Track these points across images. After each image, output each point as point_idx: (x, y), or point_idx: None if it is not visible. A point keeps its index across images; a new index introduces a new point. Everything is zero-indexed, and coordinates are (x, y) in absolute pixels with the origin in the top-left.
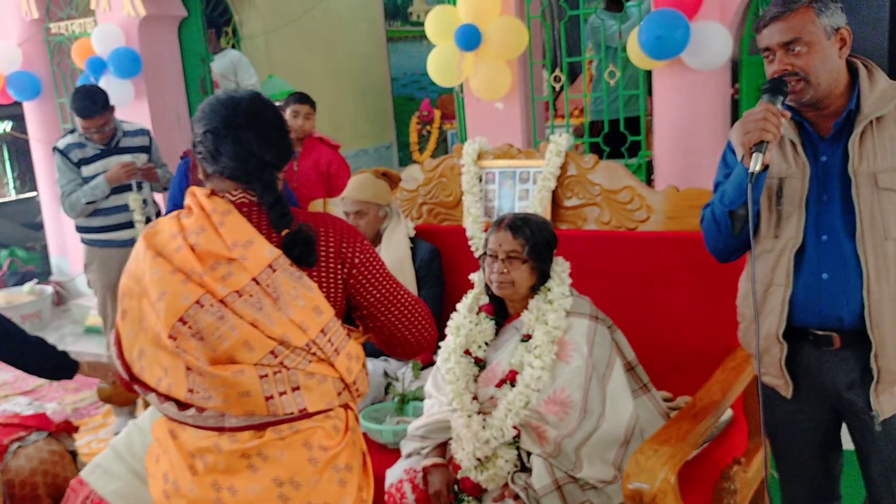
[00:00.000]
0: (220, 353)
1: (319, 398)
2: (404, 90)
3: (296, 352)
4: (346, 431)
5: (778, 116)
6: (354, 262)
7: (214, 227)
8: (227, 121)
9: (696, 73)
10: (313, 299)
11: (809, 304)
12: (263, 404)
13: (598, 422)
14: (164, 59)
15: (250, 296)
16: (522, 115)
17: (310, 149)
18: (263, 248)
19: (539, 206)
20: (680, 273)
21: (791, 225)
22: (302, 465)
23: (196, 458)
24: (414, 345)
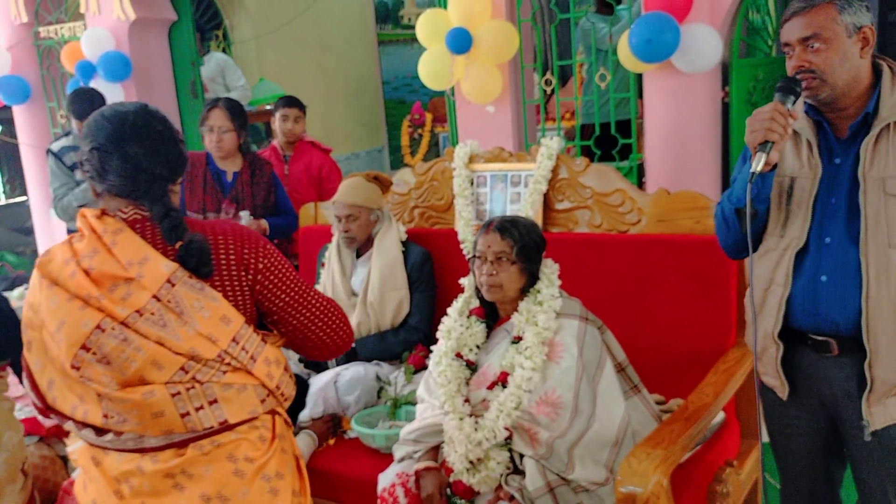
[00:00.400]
0: (129, 375)
1: (240, 408)
2: (395, 93)
3: (208, 364)
4: (274, 439)
5: (786, 117)
6: (258, 268)
7: (107, 248)
8: (113, 137)
9: (687, 77)
10: (219, 309)
11: (806, 306)
12: (180, 422)
13: (588, 422)
14: (154, 62)
15: (152, 314)
16: (514, 119)
17: (301, 152)
18: (159, 263)
19: (530, 210)
20: (671, 275)
21: (796, 225)
22: (228, 478)
23: (121, 483)
24: (330, 346)
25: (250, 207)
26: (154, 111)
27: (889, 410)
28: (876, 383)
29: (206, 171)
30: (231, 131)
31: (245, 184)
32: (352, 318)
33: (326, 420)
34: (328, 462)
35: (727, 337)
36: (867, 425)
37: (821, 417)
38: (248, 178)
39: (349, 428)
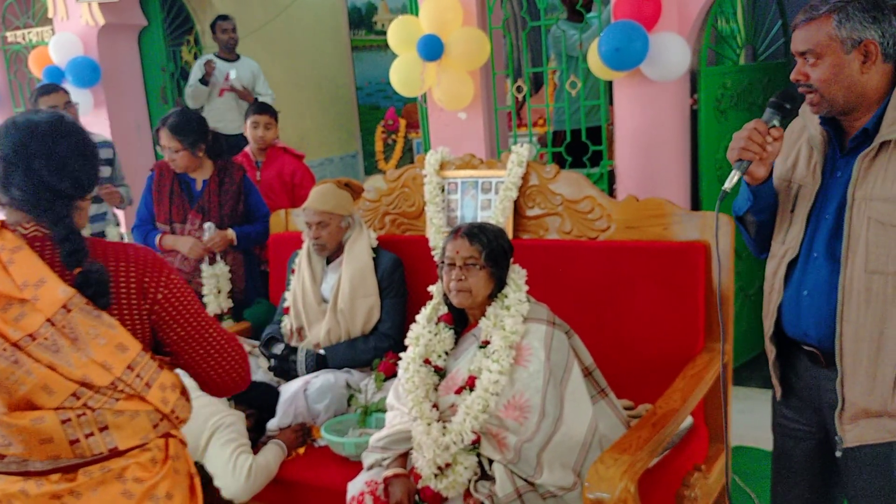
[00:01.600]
0: (17, 398)
1: (132, 435)
2: (369, 99)
3: (101, 391)
4: (167, 460)
5: (763, 135)
6: (157, 298)
7: (3, 266)
8: (19, 148)
9: (655, 84)
10: (116, 337)
11: (791, 317)
12: (68, 449)
13: (556, 425)
14: (124, 68)
15: (45, 339)
16: (486, 125)
17: (273, 158)
18: (56, 287)
19: (501, 216)
20: (640, 282)
21: (793, 234)
22: (115, 499)
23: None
24: (220, 385)
25: (217, 217)
26: (69, 123)
27: (861, 431)
28: (847, 403)
29: (175, 181)
30: (181, 150)
31: (213, 192)
32: (322, 325)
33: (296, 429)
34: (297, 471)
35: (695, 342)
36: (840, 441)
37: (814, 423)
38: (215, 186)
39: (319, 436)
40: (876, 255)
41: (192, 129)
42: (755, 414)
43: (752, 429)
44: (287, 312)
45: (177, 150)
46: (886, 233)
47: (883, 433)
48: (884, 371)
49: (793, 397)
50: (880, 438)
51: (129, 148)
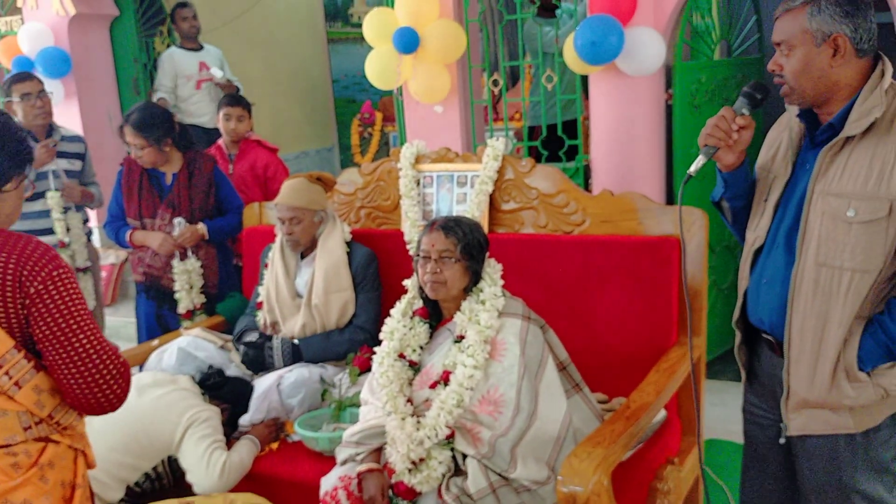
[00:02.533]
0: None
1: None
2: (345, 92)
3: None
4: (33, 467)
5: (730, 122)
6: (29, 292)
7: None
8: None
9: (631, 79)
10: None
11: (752, 304)
12: None
13: (530, 420)
14: (95, 58)
15: None
16: (462, 119)
17: (245, 151)
18: None
19: (476, 210)
20: (614, 276)
21: (763, 224)
22: None
23: None
24: (80, 400)
25: (187, 211)
26: None
27: (805, 421)
28: (791, 391)
29: (144, 176)
30: (146, 147)
31: (182, 186)
32: (297, 319)
33: (269, 424)
34: (271, 466)
35: (668, 336)
36: (784, 428)
37: (775, 410)
38: (185, 179)
39: (293, 431)
40: (826, 249)
41: (156, 124)
42: (728, 407)
43: (725, 422)
44: (260, 307)
45: (142, 147)
46: (837, 228)
47: (825, 426)
48: (823, 363)
49: (756, 383)
50: (823, 430)
51: (100, 139)
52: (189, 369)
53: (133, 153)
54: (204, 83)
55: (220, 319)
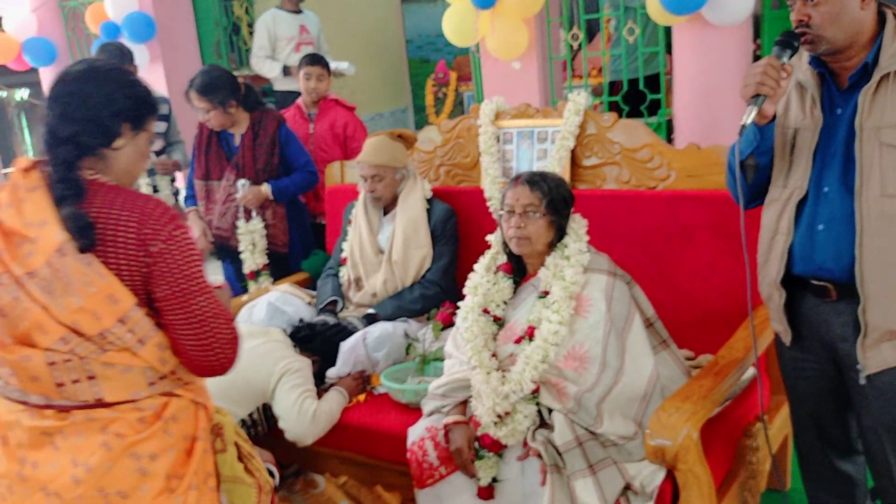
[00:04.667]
0: (20, 331)
1: (121, 388)
2: (419, 52)
3: (91, 340)
4: (157, 421)
5: (778, 70)
6: (151, 251)
7: (18, 203)
8: (49, 95)
9: (717, 29)
10: (107, 287)
11: (804, 253)
12: (55, 390)
13: (617, 376)
14: (179, 22)
15: (42, 279)
16: (540, 75)
17: (325, 111)
18: (54, 230)
19: (558, 166)
20: (701, 231)
21: (798, 175)
22: (95, 448)
23: (6, 430)
24: (191, 359)
25: (252, 172)
26: (103, 72)
27: (884, 355)
28: (869, 328)
29: (213, 137)
30: (212, 109)
31: (247, 147)
32: (378, 275)
33: (356, 377)
34: (359, 417)
35: (757, 292)
36: (862, 369)
37: (824, 359)
38: (250, 140)
39: (378, 384)
40: (890, 179)
41: (219, 86)
42: None
43: None
44: (344, 263)
45: (208, 110)
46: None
47: None
48: None
49: (800, 339)
50: None
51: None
52: (279, 323)
53: (201, 117)
54: (303, 46)
55: (305, 276)
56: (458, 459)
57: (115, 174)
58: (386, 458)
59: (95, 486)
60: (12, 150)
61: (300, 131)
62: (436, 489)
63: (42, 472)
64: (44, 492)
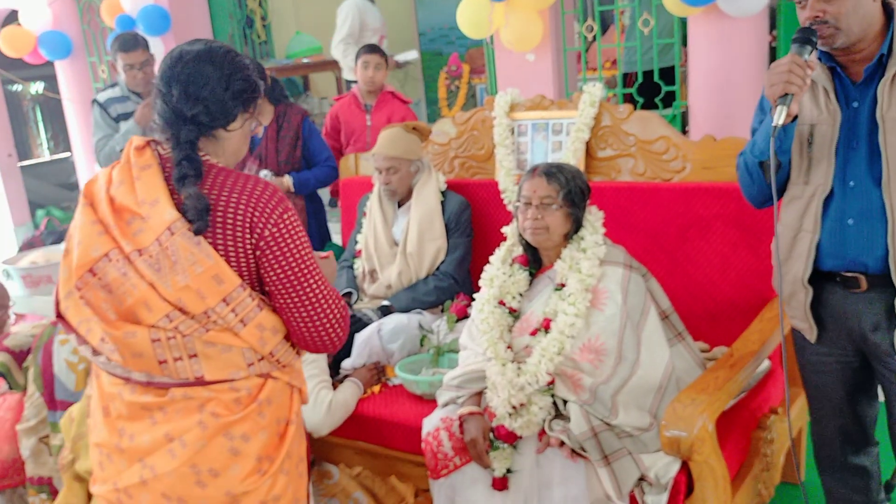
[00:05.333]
0: (125, 308)
1: (221, 368)
2: (432, 45)
3: (194, 318)
4: (252, 403)
5: (804, 68)
6: (263, 235)
7: (132, 181)
8: (164, 74)
9: (733, 20)
10: (213, 267)
11: (834, 249)
12: (157, 367)
13: (633, 368)
14: (193, 15)
15: (150, 256)
16: (554, 67)
17: (382, 103)
18: (165, 209)
19: (573, 158)
20: (716, 223)
21: (820, 171)
22: (191, 426)
23: (108, 402)
24: (308, 340)
25: (274, 163)
26: (220, 54)
27: None
28: None
29: None
30: None
31: (270, 139)
32: (393, 267)
33: (371, 368)
34: (374, 408)
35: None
36: None
37: (850, 352)
38: (273, 132)
39: (393, 375)
40: None
41: None
42: None
43: None
44: (359, 255)
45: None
46: None
47: None
48: None
49: (824, 334)
50: None
51: None
52: None
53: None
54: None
55: None
56: (472, 450)
57: (224, 156)
58: (400, 448)
59: (189, 463)
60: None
61: (356, 122)
62: (450, 480)
63: (139, 445)
64: (141, 463)
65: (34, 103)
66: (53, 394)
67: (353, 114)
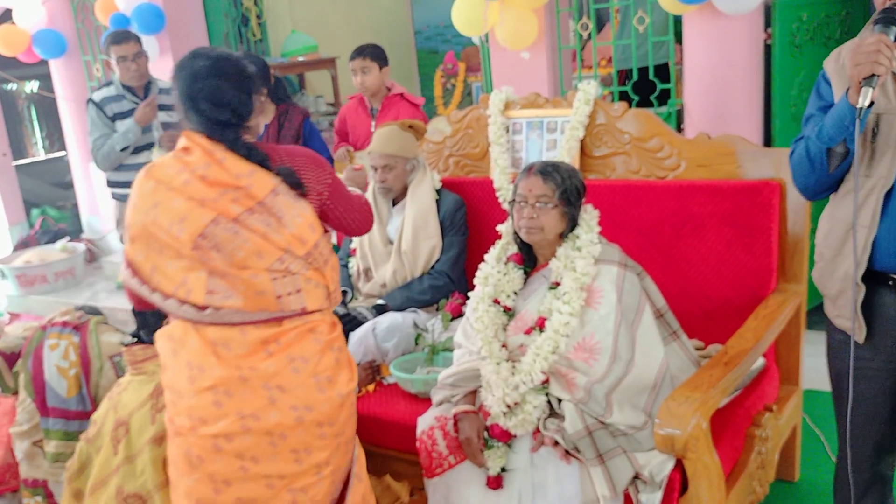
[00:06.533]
0: (236, 260)
1: (315, 300)
2: (428, 43)
3: (299, 259)
4: (336, 327)
5: (892, 49)
6: (328, 183)
7: (218, 163)
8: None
9: (728, 18)
10: (308, 217)
11: (891, 248)
12: (275, 302)
13: (627, 367)
14: (188, 14)
15: (259, 214)
16: (549, 65)
17: (388, 106)
18: (265, 177)
19: (567, 156)
20: (711, 221)
21: (883, 164)
22: (310, 345)
23: (219, 346)
24: (355, 231)
25: None
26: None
27: None
28: None
29: None
30: None
31: (271, 137)
32: (388, 266)
33: (365, 367)
34: (368, 407)
35: (767, 282)
36: None
37: (893, 357)
38: (274, 131)
39: (388, 374)
40: None
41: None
42: (825, 358)
43: (822, 373)
44: (354, 254)
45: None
46: None
47: None
48: None
49: (870, 336)
50: None
51: None
52: None
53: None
54: None
55: None
56: (467, 449)
57: (253, 136)
58: (395, 447)
59: (312, 374)
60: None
61: (361, 127)
62: (445, 478)
63: (261, 372)
64: (266, 387)
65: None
66: (45, 401)
67: (360, 118)
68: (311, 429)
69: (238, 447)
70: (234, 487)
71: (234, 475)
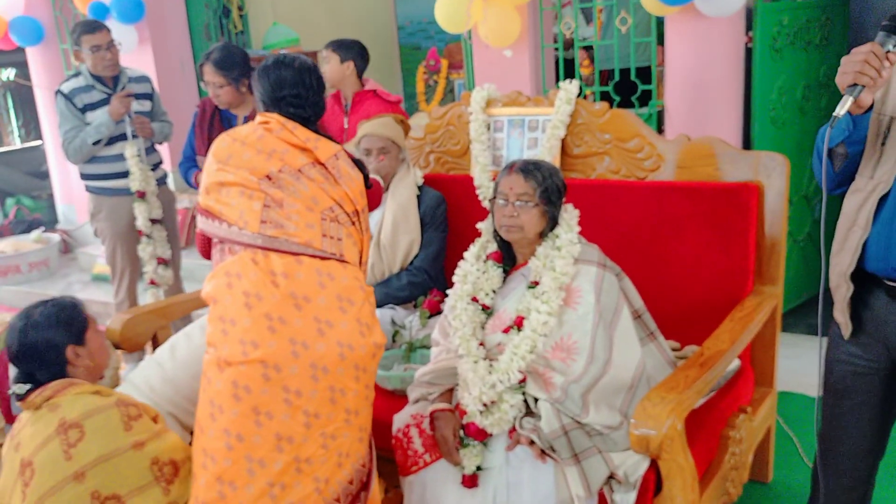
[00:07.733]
0: (294, 198)
1: (350, 254)
2: (411, 39)
3: (345, 214)
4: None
5: (881, 59)
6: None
7: (290, 130)
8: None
9: (710, 20)
10: (359, 183)
11: (878, 252)
12: (319, 239)
13: (604, 368)
14: (168, 4)
15: (320, 171)
16: (532, 64)
17: (359, 104)
18: (329, 143)
19: (548, 155)
20: (689, 223)
21: (886, 168)
22: (355, 286)
23: (277, 276)
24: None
25: None
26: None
27: None
28: None
29: (216, 116)
30: (225, 85)
31: None
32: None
33: None
34: None
35: (744, 284)
36: None
37: (883, 360)
38: None
39: None
40: None
41: (235, 63)
42: (801, 360)
43: (797, 375)
44: None
45: (221, 86)
46: None
47: None
48: None
49: (861, 334)
50: None
51: (173, 85)
52: None
53: (211, 92)
54: None
55: None
56: (442, 447)
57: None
58: None
59: (356, 317)
60: None
61: (334, 125)
62: (420, 476)
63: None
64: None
65: (5, 90)
66: (10, 408)
67: (333, 113)
68: (349, 369)
69: (285, 378)
70: (276, 421)
71: (278, 408)
